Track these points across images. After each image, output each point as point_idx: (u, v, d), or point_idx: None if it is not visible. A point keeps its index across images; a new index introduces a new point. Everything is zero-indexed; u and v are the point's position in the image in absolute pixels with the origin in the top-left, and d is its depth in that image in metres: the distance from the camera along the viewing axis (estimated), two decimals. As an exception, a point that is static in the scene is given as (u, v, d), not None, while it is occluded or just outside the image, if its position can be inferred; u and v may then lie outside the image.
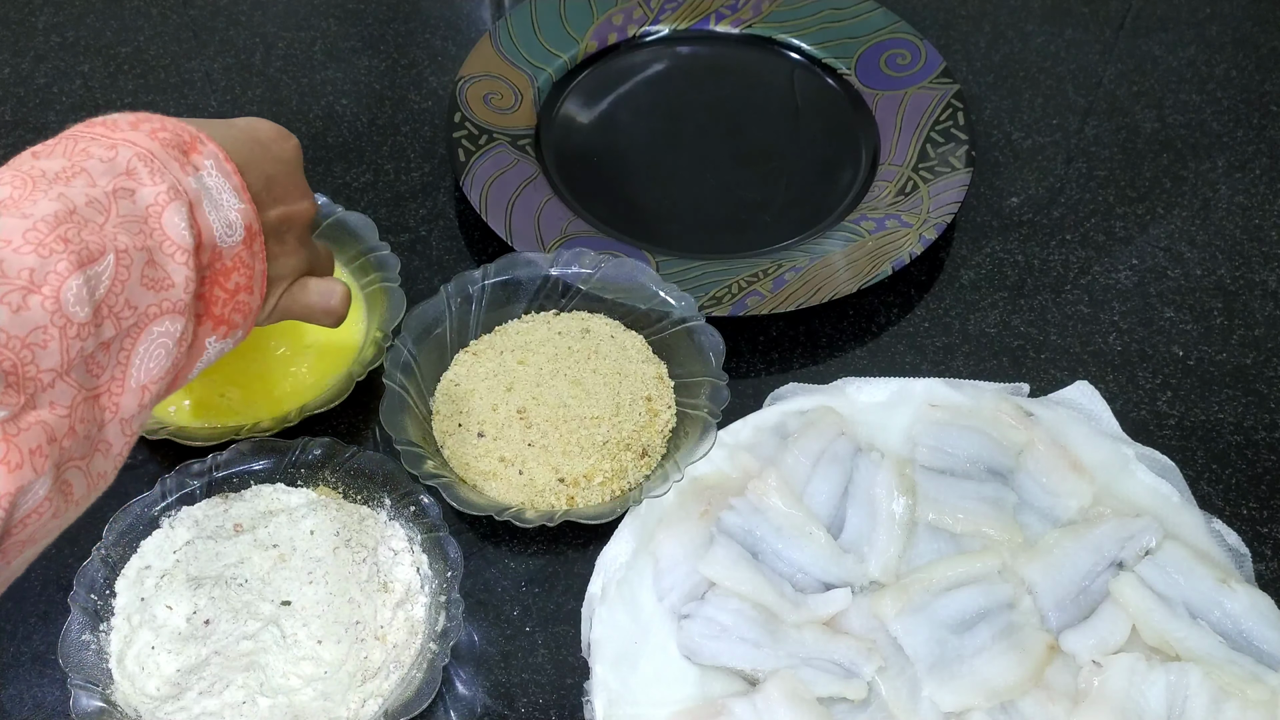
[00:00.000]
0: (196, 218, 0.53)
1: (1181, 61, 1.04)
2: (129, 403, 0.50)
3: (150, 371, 0.51)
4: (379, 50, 1.03)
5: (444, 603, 0.67)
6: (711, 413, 0.74)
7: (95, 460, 0.50)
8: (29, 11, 1.06)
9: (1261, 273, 0.89)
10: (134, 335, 0.50)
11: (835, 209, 0.91)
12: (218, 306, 0.55)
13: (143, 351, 0.50)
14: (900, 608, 0.68)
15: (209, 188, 0.54)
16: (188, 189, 0.53)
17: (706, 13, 1.03)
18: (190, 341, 0.53)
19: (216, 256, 0.54)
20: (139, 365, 0.50)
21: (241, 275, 0.56)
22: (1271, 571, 0.74)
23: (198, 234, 0.53)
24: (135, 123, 0.54)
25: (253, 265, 0.56)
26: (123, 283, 0.49)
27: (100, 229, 0.49)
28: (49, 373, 0.46)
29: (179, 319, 0.52)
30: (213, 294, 0.55)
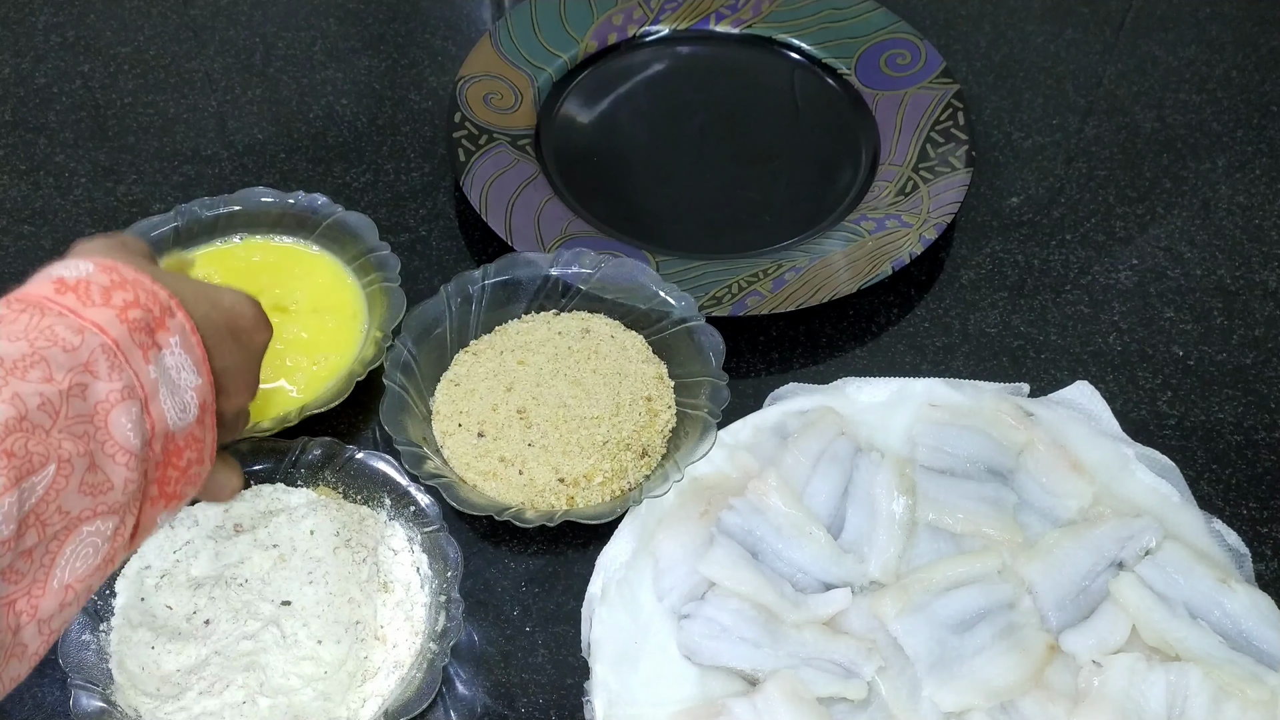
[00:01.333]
0: (150, 411, 0.51)
1: (1181, 61, 1.04)
2: (49, 604, 0.47)
3: (76, 571, 0.48)
4: (379, 50, 1.03)
5: (444, 603, 0.67)
6: (711, 413, 0.74)
7: (9, 666, 0.47)
8: (29, 11, 1.06)
9: (1261, 273, 0.89)
10: (61, 539, 0.47)
11: (835, 209, 0.91)
12: (170, 485, 0.53)
13: (69, 553, 0.48)
14: (900, 608, 0.68)
15: (168, 369, 0.52)
16: (144, 383, 0.50)
17: (706, 13, 1.03)
18: (130, 532, 0.51)
19: (170, 440, 0.52)
20: (64, 566, 0.48)
21: (193, 451, 0.54)
22: (1271, 571, 0.74)
23: (149, 428, 0.51)
24: (108, 291, 0.51)
25: (204, 438, 0.54)
26: (58, 490, 0.47)
27: (46, 435, 0.46)
28: None
29: (112, 518, 0.49)
30: (165, 475, 0.53)
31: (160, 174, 0.94)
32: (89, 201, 0.92)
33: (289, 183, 0.91)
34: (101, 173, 0.94)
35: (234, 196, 0.85)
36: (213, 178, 0.94)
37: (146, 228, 0.83)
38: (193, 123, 0.98)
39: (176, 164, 0.94)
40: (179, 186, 0.93)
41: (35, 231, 0.90)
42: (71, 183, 0.93)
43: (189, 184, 0.93)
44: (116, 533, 0.50)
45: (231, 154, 0.95)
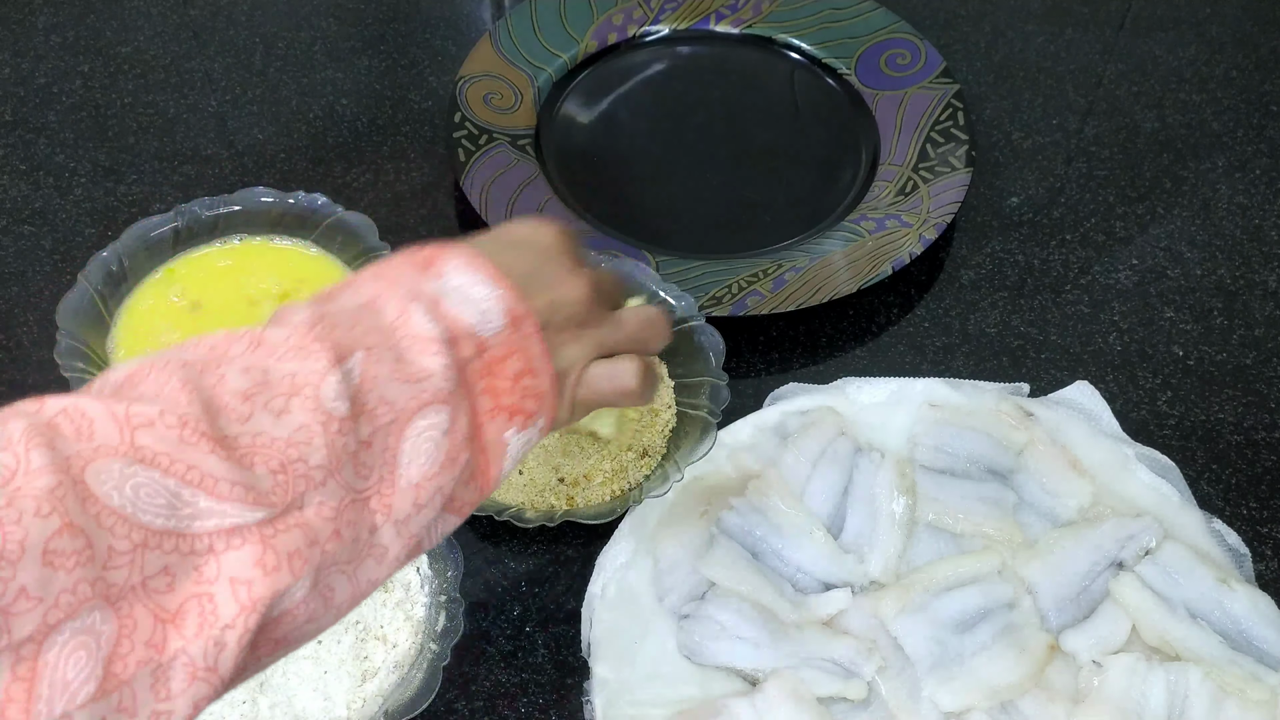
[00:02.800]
0: (443, 311, 0.50)
1: (1181, 61, 1.04)
2: (402, 503, 0.47)
3: (422, 469, 0.48)
4: (379, 50, 1.03)
5: (444, 603, 0.67)
6: (711, 413, 0.74)
7: (365, 566, 0.47)
8: (29, 11, 1.06)
9: (1261, 273, 0.89)
10: (396, 432, 0.47)
11: (835, 209, 0.91)
12: (504, 396, 0.51)
13: (409, 449, 0.48)
14: (900, 608, 0.68)
15: (454, 287, 0.51)
16: (424, 293, 0.51)
17: (706, 13, 1.03)
18: (470, 434, 0.50)
19: (482, 346, 0.51)
20: (407, 463, 0.47)
21: (518, 360, 0.52)
22: (1271, 571, 0.74)
23: (448, 326, 0.50)
24: (379, 269, 0.53)
25: (528, 348, 0.52)
26: (373, 379, 0.47)
27: (350, 331, 0.48)
28: (319, 469, 0.44)
29: (443, 409, 0.48)
30: (494, 385, 0.51)
31: (160, 174, 0.94)
32: (89, 201, 0.92)
33: (289, 183, 0.91)
34: (101, 173, 0.94)
35: (234, 196, 0.85)
36: (213, 178, 0.94)
37: (146, 228, 0.83)
38: (193, 123, 0.98)
39: (176, 164, 0.94)
40: (179, 186, 0.93)
41: (35, 231, 0.90)
42: (71, 183, 0.93)
43: (189, 184, 0.93)
44: (453, 427, 0.49)
45: (231, 154, 0.95)
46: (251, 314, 0.81)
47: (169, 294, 0.81)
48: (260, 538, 0.42)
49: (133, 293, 0.81)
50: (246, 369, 0.45)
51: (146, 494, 0.40)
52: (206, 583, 0.41)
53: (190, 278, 0.83)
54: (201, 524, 0.41)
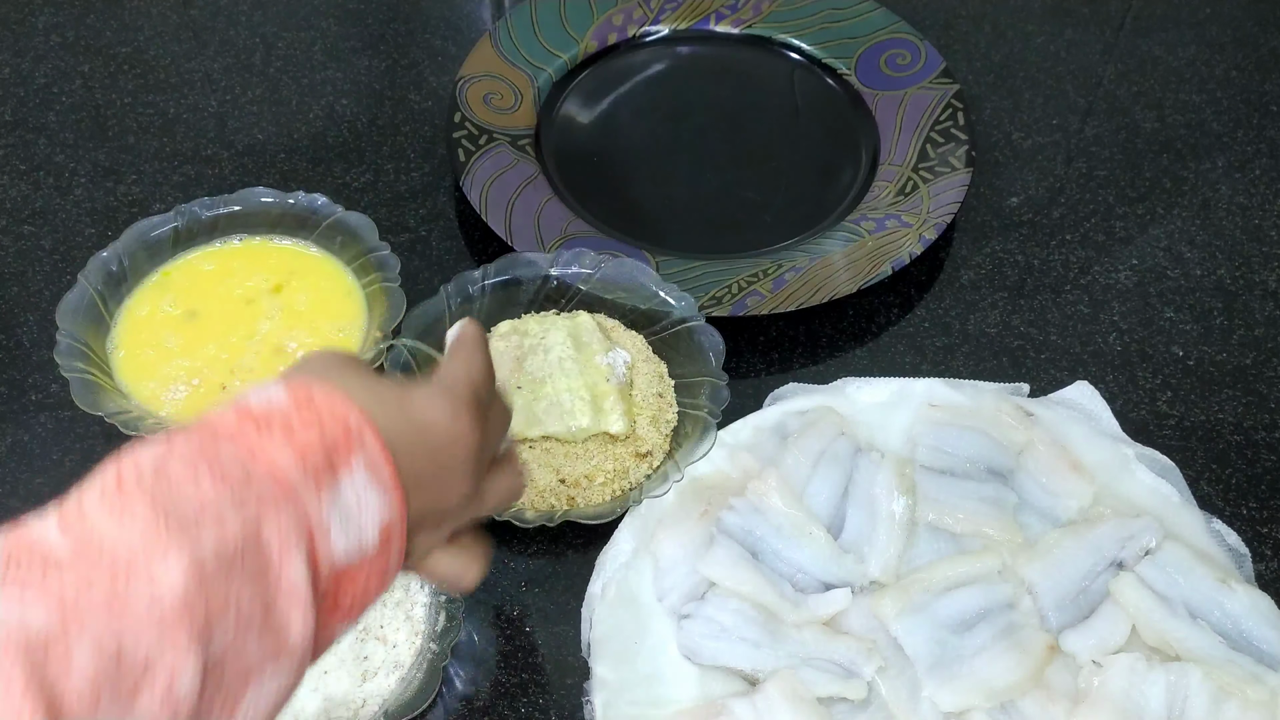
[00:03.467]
0: (322, 551, 0.48)
1: (1181, 61, 1.04)
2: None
3: (260, 712, 0.47)
4: (379, 50, 1.03)
5: (444, 603, 0.67)
6: (711, 413, 0.74)
7: None
8: (29, 11, 1.06)
9: (1261, 273, 0.89)
10: (241, 686, 0.46)
11: (835, 209, 0.91)
12: (345, 608, 0.50)
13: (250, 698, 0.46)
14: (900, 608, 0.68)
15: (345, 505, 0.49)
16: (311, 523, 0.48)
17: (706, 13, 1.03)
18: (306, 665, 0.49)
19: (343, 574, 0.49)
20: (244, 712, 0.46)
21: (373, 578, 0.51)
22: (1271, 571, 0.74)
23: (322, 570, 0.48)
24: (290, 427, 0.48)
25: (387, 564, 0.51)
26: (236, 650, 0.45)
27: (225, 585, 0.45)
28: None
29: (288, 661, 0.47)
30: (337, 603, 0.50)
31: (160, 174, 0.94)
32: (89, 201, 0.92)
33: (289, 183, 0.91)
34: (101, 173, 0.94)
35: (234, 196, 0.85)
36: (213, 178, 0.94)
37: (146, 228, 0.83)
38: (193, 123, 0.98)
39: (176, 164, 0.94)
40: (179, 186, 0.93)
41: (35, 231, 0.90)
42: (71, 183, 0.93)
43: (189, 184, 0.93)
44: (296, 674, 0.48)
45: (231, 154, 0.95)
46: (247, 313, 0.81)
47: (162, 303, 0.81)
48: None
49: (132, 293, 0.81)
50: (98, 644, 0.42)
51: None
52: None
53: (187, 280, 0.83)
54: None
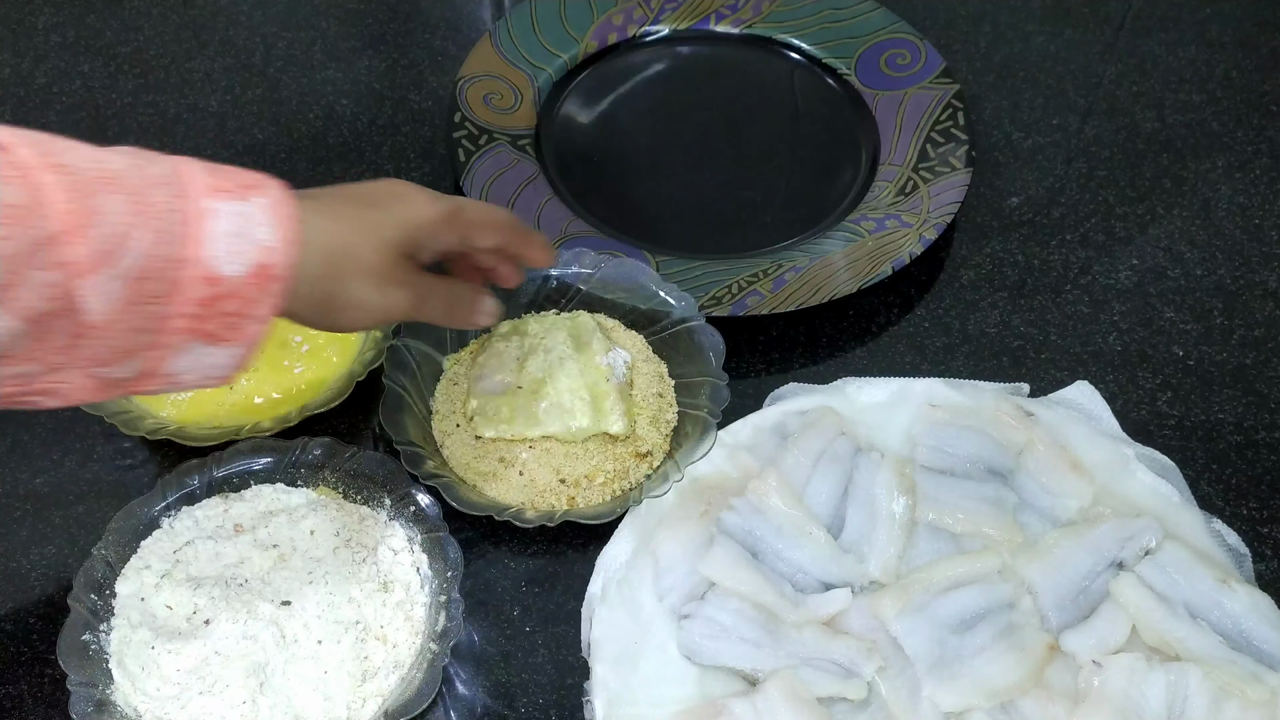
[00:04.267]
0: (197, 240, 0.54)
1: (1181, 61, 1.04)
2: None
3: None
4: (379, 50, 1.03)
5: (444, 603, 0.67)
6: (711, 413, 0.74)
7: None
8: (29, 11, 1.06)
9: (1261, 273, 0.89)
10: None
11: (835, 209, 0.91)
12: (208, 322, 0.55)
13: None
14: (900, 608, 0.68)
15: (237, 213, 0.55)
16: (190, 209, 0.54)
17: (706, 13, 1.03)
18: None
19: (212, 281, 0.54)
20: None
21: (236, 303, 0.55)
22: (1271, 571, 0.74)
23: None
24: (230, 171, 0.57)
25: (257, 299, 0.56)
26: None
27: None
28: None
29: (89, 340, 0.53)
30: (203, 312, 0.55)
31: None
32: (89, 201, 0.92)
33: (289, 183, 0.91)
34: (101, 173, 0.94)
35: (234, 196, 0.85)
36: (213, 178, 0.94)
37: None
38: (193, 123, 0.98)
39: (176, 164, 0.94)
40: (179, 186, 0.93)
41: (35, 231, 0.90)
42: (71, 183, 0.93)
43: (189, 184, 0.93)
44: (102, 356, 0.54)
45: (231, 154, 0.95)
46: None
47: None
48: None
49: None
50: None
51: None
52: None
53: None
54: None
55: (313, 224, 0.59)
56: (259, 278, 0.55)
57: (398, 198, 0.64)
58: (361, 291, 0.61)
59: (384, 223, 0.62)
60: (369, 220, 0.62)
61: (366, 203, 0.63)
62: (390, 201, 0.64)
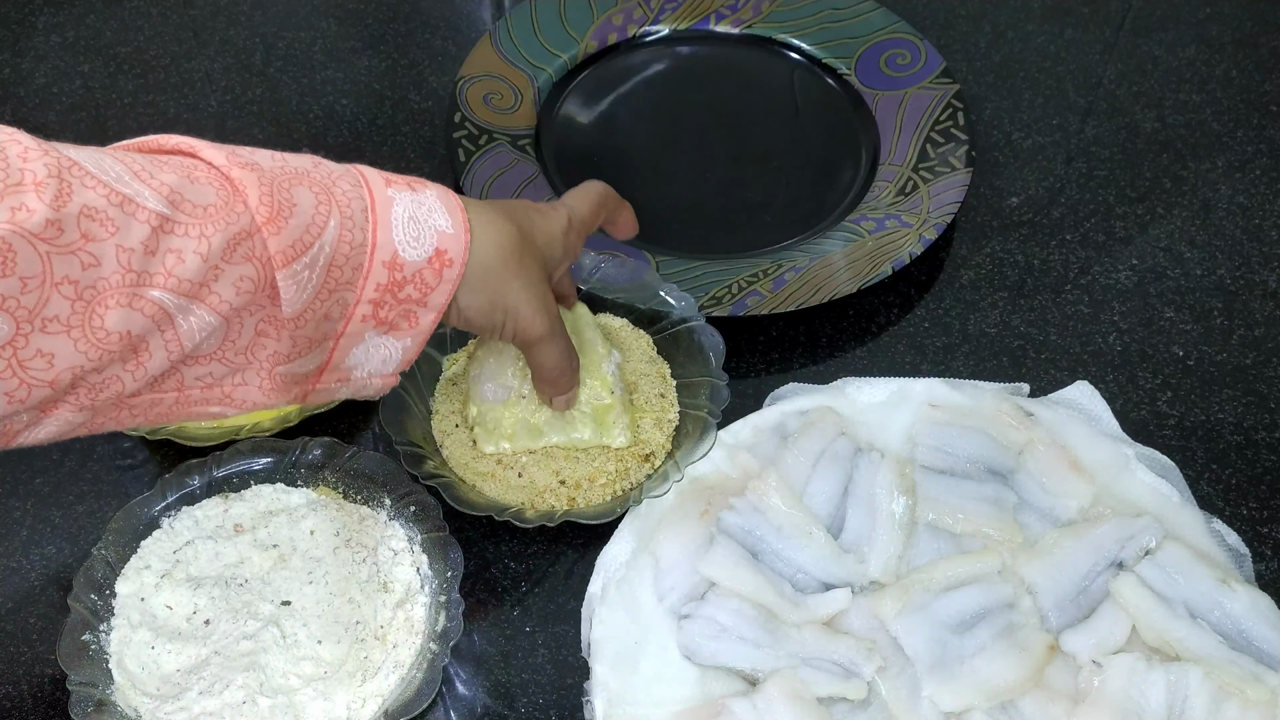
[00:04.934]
0: (376, 217, 0.56)
1: (1181, 61, 1.04)
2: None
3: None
4: (379, 50, 1.03)
5: (444, 603, 0.67)
6: (711, 413, 0.74)
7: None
8: (29, 11, 1.06)
9: (1261, 273, 0.89)
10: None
11: (835, 209, 0.91)
12: (385, 310, 0.57)
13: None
14: (900, 608, 0.68)
15: (418, 201, 0.57)
16: (376, 195, 0.57)
17: (706, 13, 1.03)
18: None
19: (396, 265, 0.57)
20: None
21: (416, 288, 0.57)
22: (1271, 571, 0.74)
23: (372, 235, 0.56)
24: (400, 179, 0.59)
25: (434, 284, 0.58)
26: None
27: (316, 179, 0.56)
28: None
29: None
30: (383, 298, 0.57)
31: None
32: (89, 201, 0.92)
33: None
34: (101, 173, 0.94)
35: (234, 196, 0.85)
36: (213, 178, 0.94)
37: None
38: (193, 123, 0.98)
39: (176, 164, 0.94)
40: (179, 186, 0.93)
41: (35, 231, 0.90)
42: (71, 183, 0.93)
43: (189, 184, 0.93)
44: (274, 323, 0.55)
45: (231, 154, 0.95)
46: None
47: None
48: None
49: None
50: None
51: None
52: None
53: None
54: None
55: (479, 222, 0.60)
56: (437, 263, 0.57)
57: (537, 211, 0.66)
58: (518, 296, 0.62)
59: (533, 235, 0.64)
60: (523, 230, 0.63)
61: (515, 215, 0.64)
62: (532, 215, 0.65)
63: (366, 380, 0.60)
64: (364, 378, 0.60)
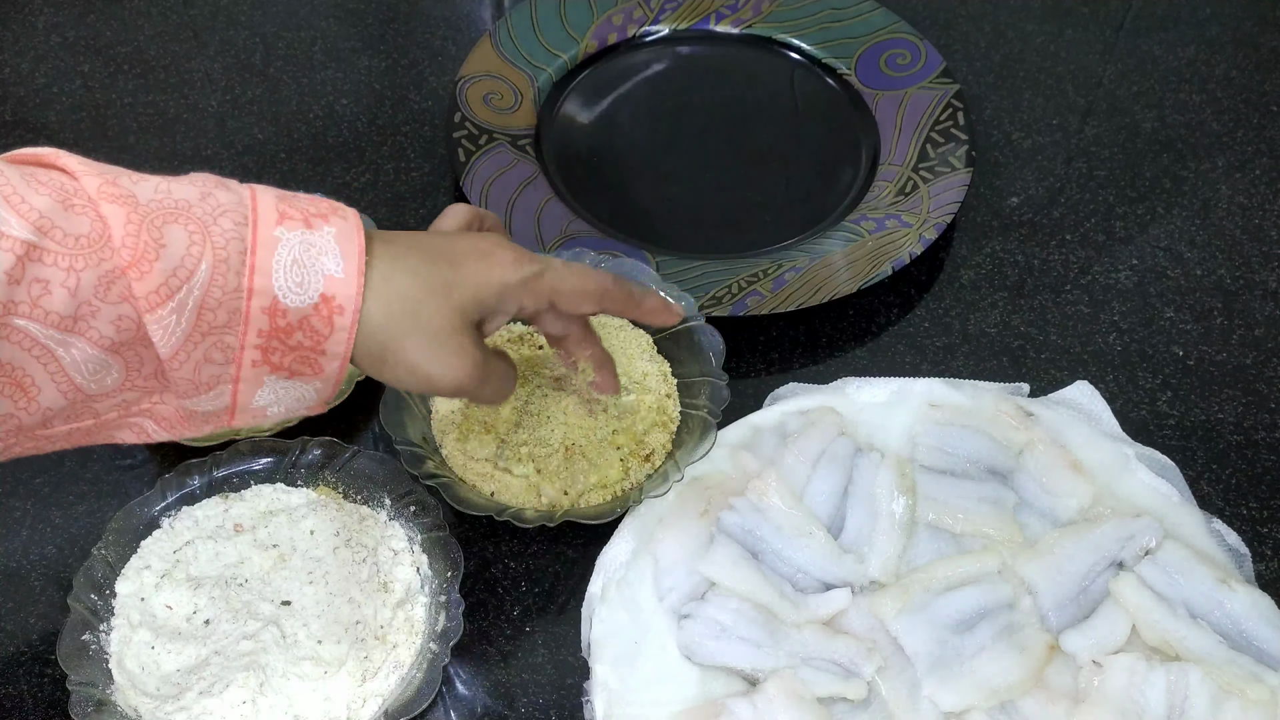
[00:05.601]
0: (255, 257, 0.52)
1: (1181, 61, 1.04)
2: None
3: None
4: (379, 50, 1.03)
5: (444, 603, 0.67)
6: (711, 413, 0.74)
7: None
8: (29, 11, 1.06)
9: (1261, 273, 0.89)
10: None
11: (835, 209, 0.91)
12: (275, 355, 0.54)
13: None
14: (900, 608, 0.68)
15: (305, 244, 0.53)
16: (259, 232, 0.53)
17: (706, 13, 1.03)
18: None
19: (277, 311, 0.53)
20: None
21: (306, 336, 0.54)
22: (1271, 571, 0.74)
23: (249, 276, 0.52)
24: (303, 202, 0.55)
25: (324, 332, 0.54)
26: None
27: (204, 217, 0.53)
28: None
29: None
30: (270, 344, 0.53)
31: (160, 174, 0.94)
32: (89, 201, 0.92)
33: (289, 183, 0.91)
34: (101, 173, 0.94)
35: (234, 196, 0.85)
36: (213, 178, 0.94)
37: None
38: (193, 123, 0.98)
39: (176, 164, 0.94)
40: (179, 186, 0.93)
41: (35, 231, 0.90)
42: (71, 183, 0.93)
43: (189, 184, 0.93)
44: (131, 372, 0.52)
45: (231, 154, 0.95)
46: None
47: None
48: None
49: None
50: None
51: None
52: None
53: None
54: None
55: (380, 269, 0.56)
56: (325, 309, 0.53)
57: (482, 256, 0.60)
58: (416, 354, 0.57)
59: (456, 284, 0.58)
60: (441, 278, 0.58)
61: (443, 257, 0.58)
62: (471, 260, 0.59)
63: (291, 413, 0.57)
64: (285, 412, 0.57)
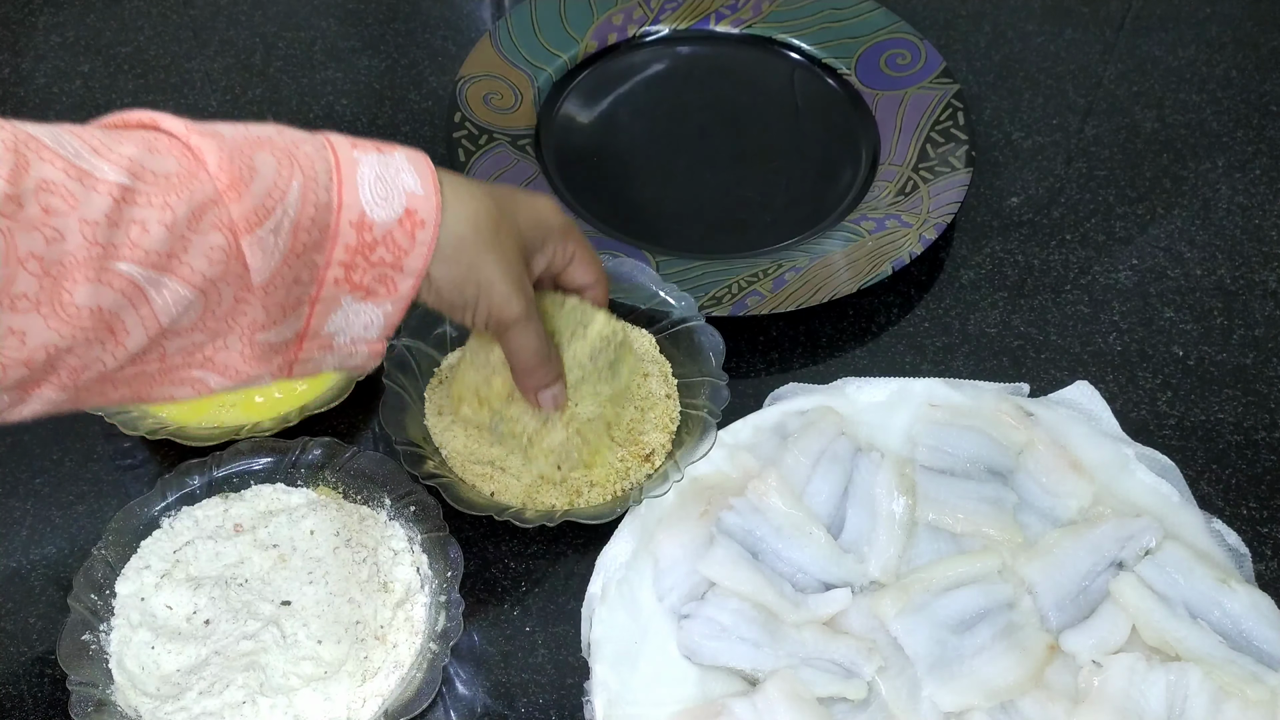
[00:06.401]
0: (340, 174, 0.55)
1: (1181, 61, 1.04)
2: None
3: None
4: (379, 50, 1.03)
5: (444, 603, 0.67)
6: (711, 413, 0.74)
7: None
8: (29, 11, 1.06)
9: (1261, 273, 0.89)
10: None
11: (835, 209, 0.91)
12: (357, 273, 0.55)
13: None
14: (900, 608, 0.68)
15: (385, 162, 0.56)
16: (339, 153, 0.55)
17: (706, 13, 1.03)
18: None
19: (364, 225, 0.55)
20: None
21: (389, 250, 0.56)
22: (1271, 571, 0.74)
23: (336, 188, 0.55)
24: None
25: (406, 247, 0.56)
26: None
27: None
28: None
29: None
30: (354, 260, 0.55)
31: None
32: (89, 201, 0.92)
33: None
34: (101, 173, 0.94)
35: (234, 196, 0.85)
36: (213, 178, 0.94)
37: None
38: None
39: (176, 164, 0.94)
40: (179, 186, 0.93)
41: (35, 231, 0.90)
42: (71, 183, 0.93)
43: (189, 184, 0.93)
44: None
45: (231, 154, 0.95)
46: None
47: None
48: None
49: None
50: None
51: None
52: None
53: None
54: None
55: (450, 191, 0.58)
56: (408, 223, 0.56)
57: (529, 195, 0.65)
58: (491, 270, 0.60)
59: (514, 214, 0.62)
60: (502, 206, 0.61)
61: (498, 191, 0.62)
62: (520, 197, 0.64)
63: (351, 348, 0.58)
64: (347, 344, 0.58)
